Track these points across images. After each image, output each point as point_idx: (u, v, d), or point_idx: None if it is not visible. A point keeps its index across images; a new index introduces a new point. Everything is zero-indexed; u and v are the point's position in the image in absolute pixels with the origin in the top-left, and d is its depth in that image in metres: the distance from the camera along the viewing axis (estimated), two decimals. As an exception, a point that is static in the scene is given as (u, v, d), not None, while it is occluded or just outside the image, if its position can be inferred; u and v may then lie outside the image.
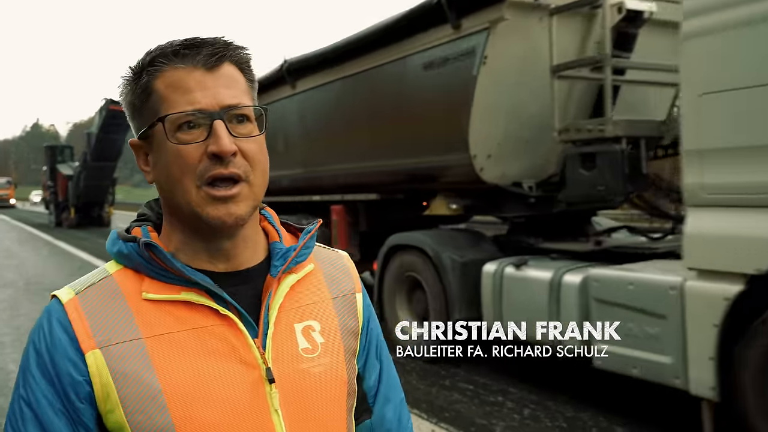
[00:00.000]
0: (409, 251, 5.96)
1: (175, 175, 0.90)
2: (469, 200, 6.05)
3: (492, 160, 5.35)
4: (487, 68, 5.04)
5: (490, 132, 5.31)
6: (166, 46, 0.93)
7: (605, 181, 4.47)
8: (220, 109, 0.90)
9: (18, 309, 9.17)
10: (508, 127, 5.39)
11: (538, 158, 5.58)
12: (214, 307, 0.91)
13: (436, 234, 6.03)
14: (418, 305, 5.96)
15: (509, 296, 4.87)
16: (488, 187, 5.57)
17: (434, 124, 5.67)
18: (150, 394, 0.86)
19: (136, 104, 0.95)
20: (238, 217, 0.91)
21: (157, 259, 0.92)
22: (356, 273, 1.13)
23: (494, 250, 5.64)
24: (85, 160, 24.80)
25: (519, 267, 4.82)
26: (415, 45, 5.78)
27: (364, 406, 1.09)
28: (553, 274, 4.53)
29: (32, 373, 0.88)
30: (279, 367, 0.93)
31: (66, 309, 0.90)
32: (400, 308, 6.17)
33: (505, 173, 5.46)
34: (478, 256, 5.50)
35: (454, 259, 5.45)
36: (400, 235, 6.22)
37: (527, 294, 4.72)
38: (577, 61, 5.02)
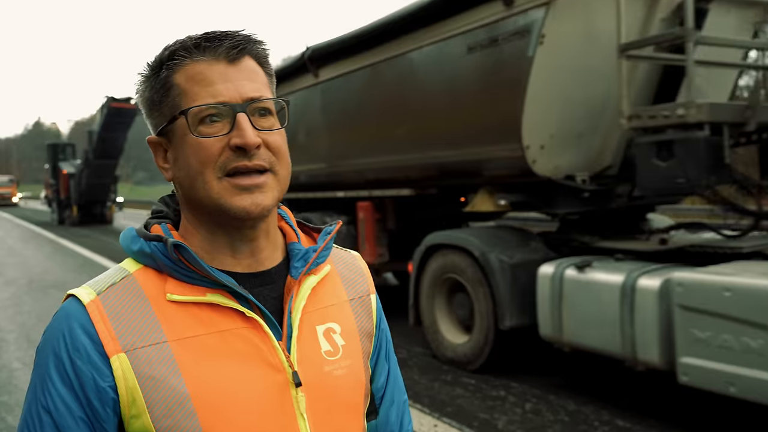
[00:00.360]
0: (451, 251, 5.46)
1: (195, 168, 0.88)
2: (518, 195, 5.53)
3: (545, 151, 4.86)
4: (545, 48, 4.54)
5: (544, 120, 4.81)
6: (186, 39, 0.91)
7: (685, 173, 3.96)
8: (243, 101, 0.89)
9: (21, 306, 9.11)
10: (563, 114, 4.89)
11: (592, 148, 5.08)
12: (239, 309, 0.90)
13: (481, 232, 5.51)
14: (461, 310, 5.47)
15: (571, 302, 4.36)
16: (539, 181, 5.09)
17: (479, 113, 5.18)
18: (178, 400, 0.84)
19: (155, 99, 0.93)
20: (264, 207, 0.89)
21: (184, 261, 0.89)
22: (369, 274, 1.13)
23: (545, 250, 5.15)
24: (87, 158, 24.74)
25: (582, 269, 4.32)
26: (457, 25, 5.29)
27: (372, 407, 1.07)
28: (626, 278, 4.02)
29: (51, 379, 0.84)
30: (304, 371, 0.92)
31: (88, 310, 0.86)
32: (439, 313, 5.70)
33: (558, 165, 4.97)
34: (529, 256, 5.02)
35: (503, 260, 4.95)
36: (440, 234, 5.71)
37: (594, 300, 4.22)
38: (651, 38, 4.50)
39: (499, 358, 5.18)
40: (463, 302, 5.40)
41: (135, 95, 0.97)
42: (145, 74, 0.94)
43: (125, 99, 22.44)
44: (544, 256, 5.00)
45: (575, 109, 4.91)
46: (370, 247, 7.08)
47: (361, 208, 7.17)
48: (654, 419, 4.36)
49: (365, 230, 7.13)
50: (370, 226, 7.09)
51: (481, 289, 5.08)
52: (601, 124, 4.99)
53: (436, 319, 5.67)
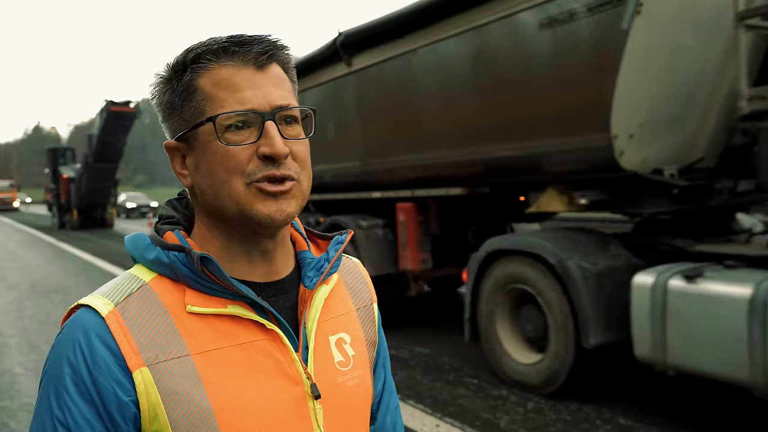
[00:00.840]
0: (518, 258, 4.81)
1: (221, 177, 0.86)
2: (598, 193, 4.85)
3: (633, 141, 4.19)
4: (642, 20, 3.88)
5: (635, 105, 4.15)
6: (211, 42, 0.88)
7: None
8: (271, 109, 0.87)
9: (23, 311, 9.01)
10: (654, 99, 4.24)
11: (682, 138, 4.41)
12: (259, 321, 0.88)
13: (553, 236, 4.84)
14: (530, 325, 4.82)
15: (679, 318, 3.69)
16: (620, 177, 4.43)
17: (552, 99, 4.53)
18: (201, 415, 0.82)
19: (175, 103, 0.89)
20: (288, 215, 0.87)
21: (208, 272, 0.86)
22: (371, 281, 1.12)
23: (628, 255, 4.50)
24: (87, 162, 24.60)
25: (692, 279, 3.65)
26: (521, 0, 4.61)
27: (371, 412, 1.05)
28: (755, 290, 3.36)
29: (69, 393, 0.81)
30: (320, 382, 0.91)
31: (107, 323, 0.83)
32: (501, 328, 5.04)
33: (645, 158, 4.30)
34: (614, 263, 4.37)
35: (585, 268, 4.29)
36: (504, 239, 5.08)
37: (711, 316, 3.54)
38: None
39: (580, 380, 4.55)
40: (534, 316, 4.75)
41: (151, 97, 0.92)
42: (166, 76, 0.90)
43: (124, 102, 22.78)
44: (627, 263, 4.37)
45: (667, 92, 4.25)
46: (412, 252, 6.50)
47: (401, 210, 6.57)
48: (656, 417, 4.31)
49: (407, 234, 6.52)
50: (412, 229, 6.47)
51: (558, 302, 4.42)
52: (694, 109, 4.34)
53: (498, 336, 5.01)
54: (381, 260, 6.68)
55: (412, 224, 6.46)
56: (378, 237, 6.77)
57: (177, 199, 1.01)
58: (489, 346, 5.11)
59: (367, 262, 6.29)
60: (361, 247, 6.65)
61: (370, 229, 6.76)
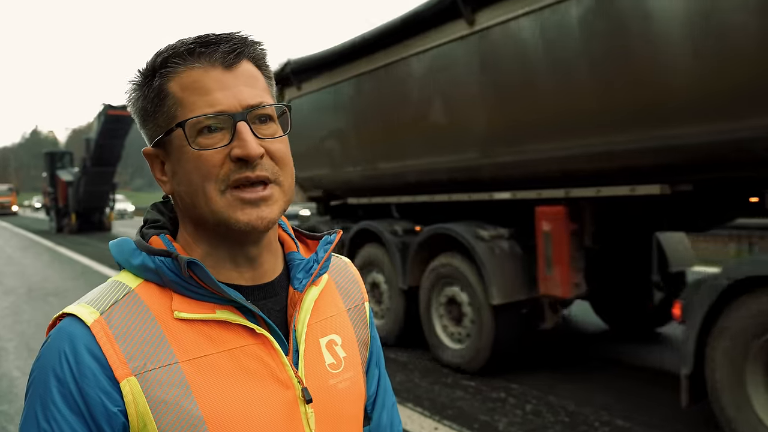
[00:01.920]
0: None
1: (196, 183, 0.84)
2: None
3: None
4: None
5: None
6: (178, 45, 0.86)
7: None
8: (242, 109, 0.84)
9: (21, 315, 9.07)
10: None
11: None
12: (248, 325, 0.87)
13: None
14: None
15: None
16: None
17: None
18: (191, 423, 0.81)
19: (148, 109, 0.88)
20: (270, 221, 0.85)
21: (195, 278, 0.85)
22: (362, 281, 1.11)
23: None
24: (85, 166, 24.55)
25: None
26: None
27: (365, 413, 1.05)
28: None
29: (56, 405, 0.79)
30: (311, 386, 0.90)
31: (93, 332, 0.81)
32: (755, 392, 3.58)
33: None
34: None
35: None
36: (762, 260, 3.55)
37: None
38: None
39: None
40: None
41: (127, 104, 0.91)
42: (137, 82, 0.89)
43: (122, 106, 22.11)
44: None
45: None
46: (562, 273, 4.92)
47: (546, 216, 4.99)
48: (655, 420, 4.32)
49: (552, 248, 4.94)
50: (562, 242, 4.89)
51: None
52: None
53: (751, 401, 3.55)
54: (512, 283, 5.18)
55: (563, 235, 4.87)
56: (504, 252, 5.29)
57: (163, 202, 0.99)
58: (730, 411, 3.65)
59: (494, 286, 5.10)
60: (486, 265, 5.15)
61: (493, 241, 5.31)
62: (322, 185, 7.84)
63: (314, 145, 7.41)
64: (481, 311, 5.30)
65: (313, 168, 7.61)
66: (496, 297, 5.12)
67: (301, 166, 7.47)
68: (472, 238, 5.31)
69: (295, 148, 4.10)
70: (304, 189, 8.22)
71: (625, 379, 5.28)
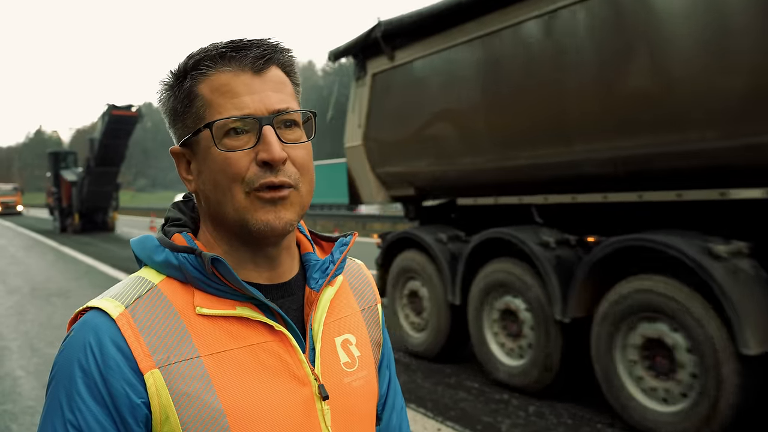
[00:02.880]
0: None
1: (222, 184, 0.87)
2: None
3: None
4: None
5: None
6: (210, 48, 0.89)
7: None
8: (269, 113, 0.87)
9: (24, 315, 9.00)
10: None
11: None
12: (267, 322, 0.89)
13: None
14: None
15: None
16: None
17: None
18: (212, 416, 0.83)
19: (178, 110, 0.91)
20: (287, 222, 0.88)
21: (218, 274, 0.87)
22: (374, 282, 1.13)
23: None
24: (89, 166, 24.62)
25: None
26: None
27: (376, 413, 1.06)
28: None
29: (81, 396, 0.81)
30: (327, 383, 0.92)
31: (118, 324, 0.83)
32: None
33: None
34: None
35: None
36: None
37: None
38: None
39: None
40: None
41: (158, 103, 0.94)
42: (169, 83, 0.92)
43: (126, 107, 22.65)
44: None
45: None
46: None
47: None
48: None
49: None
50: None
51: None
52: None
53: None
54: None
55: None
56: (748, 275, 3.67)
57: (183, 201, 1.02)
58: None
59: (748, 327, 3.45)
60: (726, 292, 3.53)
61: (733, 260, 3.67)
62: (417, 181, 6.24)
63: (411, 133, 5.97)
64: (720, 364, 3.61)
65: (406, 160, 6.17)
66: (752, 344, 3.44)
67: (387, 158, 6.40)
68: (703, 256, 3.66)
69: (381, 136, 3.72)
70: (387, 186, 6.67)
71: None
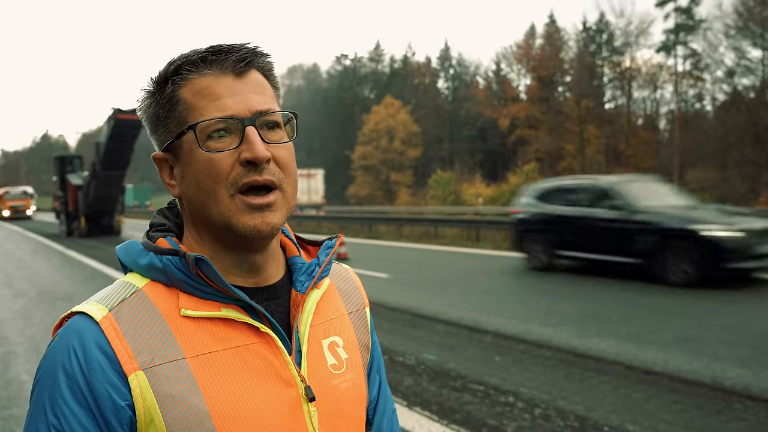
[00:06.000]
0: None
1: (206, 185, 0.87)
2: None
3: None
4: None
5: None
6: (191, 54, 0.90)
7: None
8: (251, 114, 0.88)
9: (31, 319, 9.05)
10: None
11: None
12: (253, 324, 0.89)
13: None
14: None
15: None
16: None
17: None
18: (198, 418, 0.82)
19: (160, 115, 0.92)
20: (274, 227, 0.88)
21: (203, 276, 0.87)
22: (362, 287, 1.13)
23: None
24: (95, 170, 24.67)
25: None
26: None
27: (366, 418, 1.05)
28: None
29: (65, 399, 0.81)
30: (313, 385, 0.92)
31: (102, 327, 0.83)
32: None
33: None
34: None
35: None
36: None
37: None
38: None
39: None
40: None
41: (138, 111, 0.94)
42: (150, 90, 0.92)
43: (132, 110, 22.57)
44: None
45: None
46: None
47: None
48: (665, 424, 4.29)
49: None
50: None
51: None
52: None
53: None
54: None
55: None
56: None
57: (168, 207, 1.02)
58: None
59: None
60: None
61: None
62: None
63: None
64: None
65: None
66: None
67: None
68: None
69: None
70: None
71: (635, 383, 5.25)
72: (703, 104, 49.42)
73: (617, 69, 51.54)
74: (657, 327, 7.25)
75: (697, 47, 45.41)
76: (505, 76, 62.93)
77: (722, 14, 46.37)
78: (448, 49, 76.29)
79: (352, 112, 69.10)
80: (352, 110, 69.45)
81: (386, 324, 7.82)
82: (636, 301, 8.90)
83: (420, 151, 59.45)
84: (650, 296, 9.17)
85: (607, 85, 53.14)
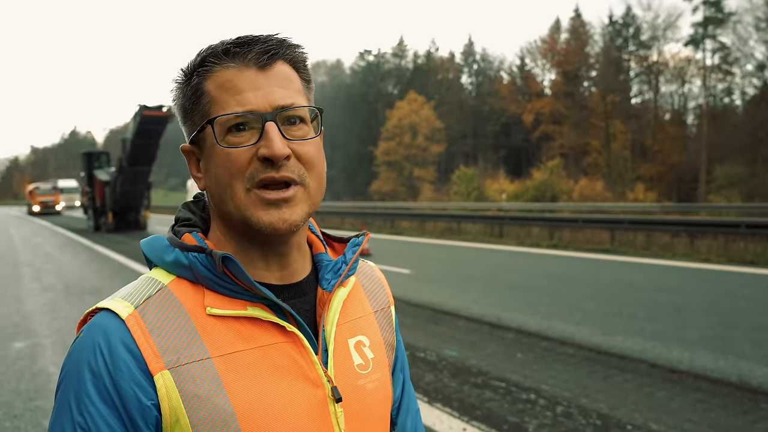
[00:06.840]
0: None
1: (224, 180, 0.86)
2: None
3: None
4: None
5: None
6: (217, 45, 0.89)
7: None
8: (272, 110, 0.86)
9: (58, 312, 9.16)
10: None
11: None
12: (279, 323, 0.88)
13: None
14: None
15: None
16: None
17: None
18: (223, 418, 0.81)
19: (187, 107, 0.91)
20: (292, 223, 0.86)
21: (229, 274, 0.86)
22: (387, 284, 1.12)
23: None
24: (121, 166, 24.97)
25: None
26: None
27: (390, 417, 1.03)
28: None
29: (90, 398, 0.80)
30: (340, 385, 0.91)
31: (128, 325, 0.82)
32: None
33: None
34: None
35: None
36: None
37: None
38: None
39: None
40: None
41: (171, 102, 0.95)
42: (179, 81, 0.92)
43: (157, 107, 22.95)
44: None
45: None
46: None
47: None
48: (690, 423, 4.23)
49: None
50: None
51: None
52: None
53: None
54: None
55: None
56: None
57: (194, 201, 1.01)
58: None
59: None
60: None
61: None
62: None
63: None
64: None
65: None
66: None
67: None
68: None
69: None
70: None
71: (659, 382, 5.20)
72: (732, 99, 48.62)
73: (644, 63, 50.96)
74: (683, 325, 7.16)
75: (727, 40, 44.76)
76: (530, 71, 62.43)
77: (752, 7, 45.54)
78: (471, 44, 76.12)
79: (376, 108, 69.02)
80: (376, 106, 69.35)
81: (408, 320, 7.82)
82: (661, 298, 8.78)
83: (443, 146, 59.22)
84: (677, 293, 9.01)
85: (634, 80, 52.54)
